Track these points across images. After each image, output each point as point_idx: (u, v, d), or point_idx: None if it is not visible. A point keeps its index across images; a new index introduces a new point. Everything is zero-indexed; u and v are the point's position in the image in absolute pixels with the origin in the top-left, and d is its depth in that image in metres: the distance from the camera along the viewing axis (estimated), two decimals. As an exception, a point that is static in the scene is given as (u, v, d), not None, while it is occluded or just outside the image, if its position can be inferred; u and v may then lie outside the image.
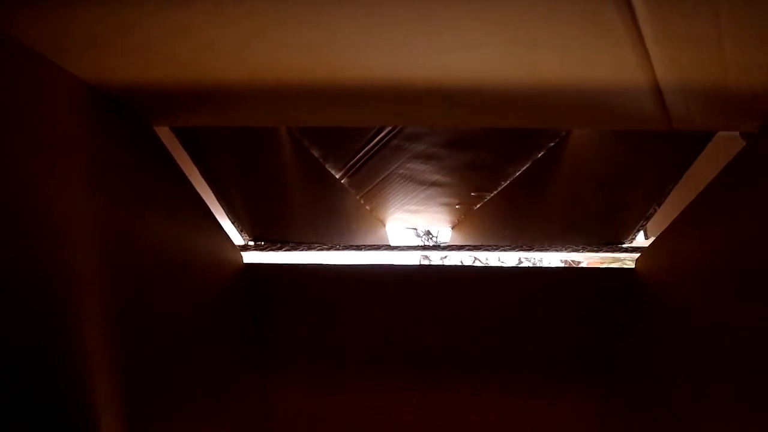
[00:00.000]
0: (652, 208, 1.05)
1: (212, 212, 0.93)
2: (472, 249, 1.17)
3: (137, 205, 0.72)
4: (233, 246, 1.01)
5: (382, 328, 1.06)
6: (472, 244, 2.34)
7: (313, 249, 1.11)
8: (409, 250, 1.18)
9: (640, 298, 0.95)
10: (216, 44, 0.55)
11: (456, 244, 2.56)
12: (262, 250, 1.08)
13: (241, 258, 1.03)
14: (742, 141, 0.77)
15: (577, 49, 0.54)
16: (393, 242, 2.81)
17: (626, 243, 1.14)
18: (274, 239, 1.12)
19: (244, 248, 1.06)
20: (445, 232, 2.91)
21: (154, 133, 0.77)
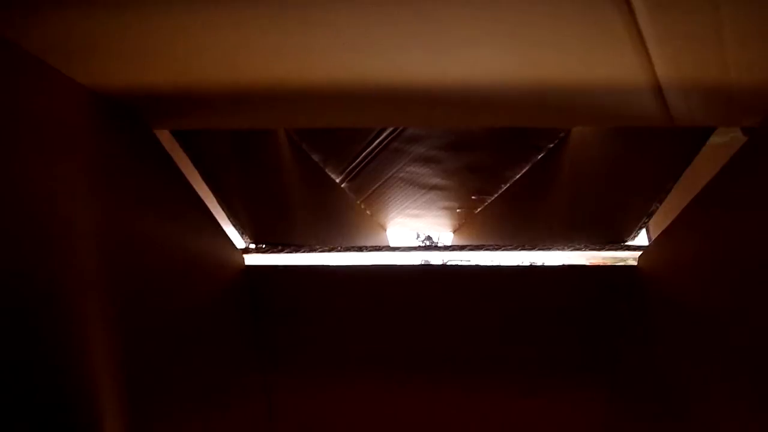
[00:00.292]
0: (654, 206, 1.05)
1: (214, 215, 0.93)
2: (474, 249, 1.17)
3: (139, 208, 0.72)
4: (234, 248, 1.01)
5: (383, 329, 1.05)
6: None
7: (314, 251, 1.11)
8: (410, 250, 1.18)
9: (643, 296, 0.94)
10: (215, 47, 0.55)
11: (457, 245, 2.56)
12: (263, 252, 1.08)
13: (243, 260, 1.03)
14: (743, 136, 0.77)
15: (577, 48, 0.55)
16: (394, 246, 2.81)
17: (628, 241, 1.14)
18: (274, 242, 1.12)
19: (246, 251, 1.06)
20: (446, 237, 2.90)
21: (155, 137, 0.78)
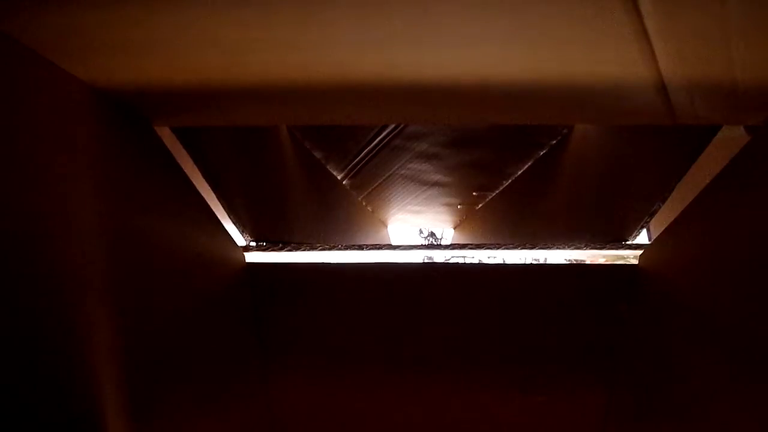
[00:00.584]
0: (656, 205, 1.04)
1: (214, 213, 0.93)
2: (475, 248, 1.17)
3: (139, 206, 0.72)
4: (235, 246, 1.01)
5: (384, 326, 1.05)
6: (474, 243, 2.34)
7: (315, 249, 1.10)
8: (411, 249, 1.18)
9: (644, 294, 0.94)
10: (215, 44, 0.55)
11: (459, 243, 2.56)
12: (264, 250, 1.08)
13: (244, 258, 1.03)
14: (747, 135, 0.77)
15: (580, 44, 0.54)
16: (395, 243, 2.81)
17: (630, 240, 1.14)
18: (275, 240, 1.12)
19: (246, 249, 1.06)
20: (447, 233, 2.91)
21: (156, 134, 0.77)
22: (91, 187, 0.61)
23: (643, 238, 1.16)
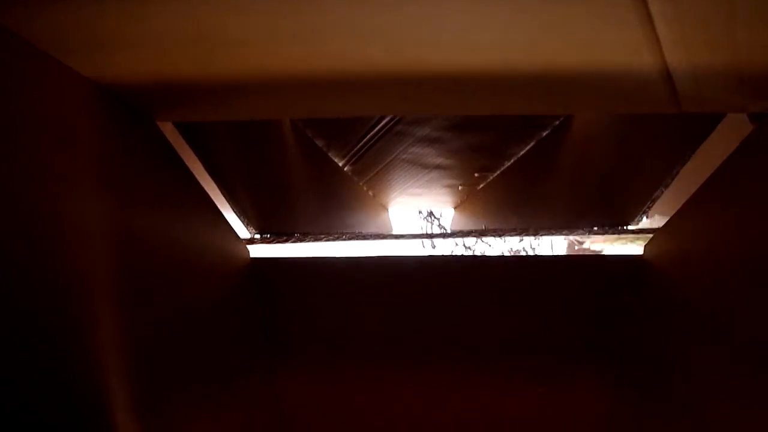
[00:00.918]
0: (659, 190, 1.04)
1: (217, 206, 0.93)
2: (478, 235, 1.17)
3: (143, 202, 0.72)
4: (239, 240, 1.01)
5: (389, 318, 1.06)
6: (475, 224, 2.34)
7: (320, 240, 1.11)
8: (414, 238, 1.18)
9: (649, 285, 0.94)
10: (216, 38, 0.54)
11: (460, 230, 2.55)
12: (269, 242, 1.09)
13: (248, 251, 1.04)
14: (750, 124, 0.76)
15: (583, 30, 0.53)
16: (395, 225, 2.81)
17: (632, 225, 1.14)
18: (279, 231, 1.12)
19: (251, 241, 1.06)
20: (448, 213, 2.89)
21: (158, 129, 0.77)
22: (93, 183, 0.61)
23: (648, 222, 1.16)
